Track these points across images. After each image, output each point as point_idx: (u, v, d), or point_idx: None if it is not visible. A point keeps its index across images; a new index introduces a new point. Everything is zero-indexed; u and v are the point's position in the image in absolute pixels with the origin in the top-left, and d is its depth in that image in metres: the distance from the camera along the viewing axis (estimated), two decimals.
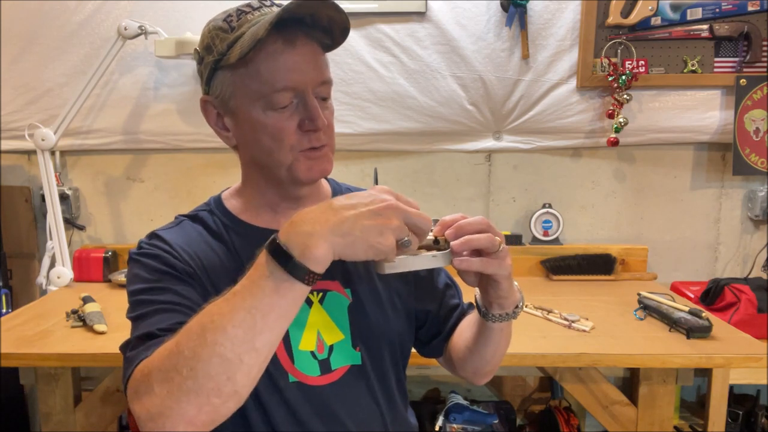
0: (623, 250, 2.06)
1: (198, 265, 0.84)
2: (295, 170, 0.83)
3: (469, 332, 0.92)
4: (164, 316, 0.76)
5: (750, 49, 1.94)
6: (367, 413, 0.91)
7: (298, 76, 0.80)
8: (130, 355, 0.73)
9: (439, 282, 1.02)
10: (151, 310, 0.77)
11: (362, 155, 2.10)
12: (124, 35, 1.83)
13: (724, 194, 2.11)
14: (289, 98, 0.80)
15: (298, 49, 0.80)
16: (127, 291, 0.83)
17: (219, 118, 0.89)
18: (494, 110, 2.01)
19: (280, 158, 0.83)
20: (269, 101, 0.80)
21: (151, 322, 0.75)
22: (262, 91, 0.80)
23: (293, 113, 0.82)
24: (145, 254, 0.84)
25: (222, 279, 0.83)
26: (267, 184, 0.89)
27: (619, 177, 2.12)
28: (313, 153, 0.83)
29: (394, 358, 0.95)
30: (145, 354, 0.70)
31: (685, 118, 2.01)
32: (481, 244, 0.71)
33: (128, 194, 2.13)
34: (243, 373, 0.63)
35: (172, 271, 0.81)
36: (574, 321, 1.52)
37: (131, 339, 0.76)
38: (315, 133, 0.82)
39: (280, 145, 0.82)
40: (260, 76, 0.79)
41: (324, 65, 0.84)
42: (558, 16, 1.95)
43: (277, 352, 0.85)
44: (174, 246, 0.84)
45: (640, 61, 1.96)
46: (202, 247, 0.87)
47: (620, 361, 1.38)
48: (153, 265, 0.82)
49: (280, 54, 0.79)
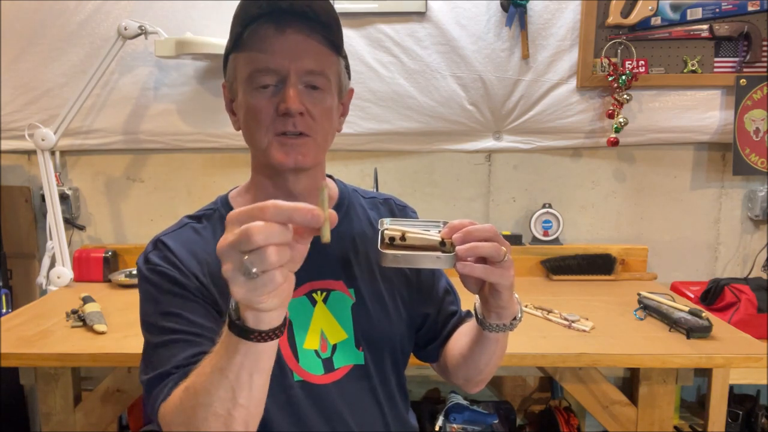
0: (623, 250, 2.06)
1: (204, 273, 0.85)
2: (269, 154, 0.85)
3: (465, 340, 0.93)
4: (176, 348, 0.79)
5: (750, 49, 1.94)
6: (369, 413, 0.91)
7: (280, 59, 0.82)
8: (153, 393, 0.78)
9: (440, 287, 1.03)
10: (163, 341, 0.80)
11: (362, 155, 2.10)
12: (124, 35, 1.83)
13: (724, 194, 2.11)
14: (271, 80, 0.83)
15: (287, 36, 0.82)
16: (140, 306, 0.86)
17: (230, 103, 0.92)
18: (494, 110, 2.01)
19: (259, 139, 0.85)
20: (252, 81, 0.83)
21: (165, 357, 0.79)
22: (247, 71, 0.83)
23: (273, 96, 0.83)
24: (154, 272, 0.84)
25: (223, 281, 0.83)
26: (261, 171, 0.91)
27: (619, 177, 2.12)
28: (287, 139, 0.84)
29: (395, 359, 0.95)
30: (164, 396, 0.76)
31: (685, 118, 2.01)
32: (486, 251, 0.71)
33: (128, 194, 2.13)
34: (239, 422, 0.67)
35: (181, 291, 0.83)
36: (574, 321, 1.52)
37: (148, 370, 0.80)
38: (290, 118, 0.83)
39: (258, 126, 0.84)
40: (249, 57, 0.83)
41: (316, 56, 0.84)
42: (558, 16, 1.95)
43: (282, 352, 0.86)
44: (179, 256, 0.85)
45: (640, 61, 1.96)
46: (208, 251, 0.87)
47: (620, 361, 1.38)
48: (163, 286, 0.83)
49: (269, 38, 0.82)
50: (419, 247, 0.72)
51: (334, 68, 0.87)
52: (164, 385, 0.77)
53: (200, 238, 0.89)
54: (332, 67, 0.87)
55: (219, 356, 0.65)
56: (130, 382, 1.50)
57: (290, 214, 0.55)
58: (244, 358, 0.63)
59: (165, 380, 0.77)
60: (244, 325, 0.60)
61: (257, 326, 0.60)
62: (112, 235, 2.15)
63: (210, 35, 1.88)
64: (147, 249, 0.88)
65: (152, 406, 0.78)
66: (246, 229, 0.53)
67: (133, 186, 2.13)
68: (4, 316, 1.63)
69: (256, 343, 0.61)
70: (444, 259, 0.71)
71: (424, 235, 0.73)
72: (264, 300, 0.56)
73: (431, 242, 0.72)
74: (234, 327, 0.61)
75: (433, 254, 0.71)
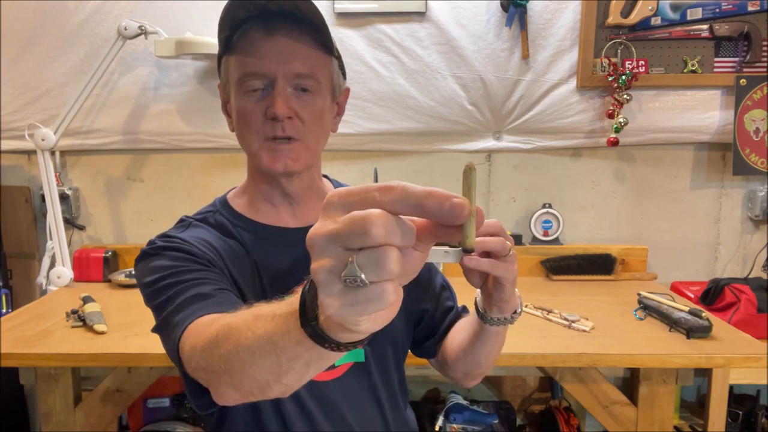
0: (623, 250, 2.06)
1: (216, 255, 0.84)
2: (259, 159, 0.85)
3: (464, 334, 0.93)
4: (200, 288, 0.74)
5: (750, 49, 1.94)
6: (369, 410, 0.91)
7: (268, 62, 0.82)
8: (179, 318, 0.70)
9: (436, 283, 1.03)
10: (181, 288, 0.75)
11: (362, 155, 2.10)
12: (124, 35, 1.83)
13: (724, 194, 2.11)
14: (259, 84, 0.83)
15: (276, 39, 0.82)
16: (144, 282, 0.81)
17: (225, 105, 0.92)
18: (494, 110, 2.01)
19: (249, 143, 0.86)
20: (242, 84, 0.83)
21: (189, 293, 0.73)
22: (237, 74, 0.83)
23: (261, 100, 0.83)
24: (163, 247, 0.83)
25: (239, 271, 0.84)
26: (257, 173, 0.91)
27: (619, 177, 2.12)
28: (276, 144, 0.84)
29: (396, 356, 0.96)
30: (191, 318, 0.68)
31: (685, 118, 2.01)
32: (492, 246, 0.71)
33: (128, 194, 2.13)
34: (275, 392, 0.58)
35: (193, 258, 0.81)
36: (574, 321, 1.52)
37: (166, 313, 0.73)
38: (279, 122, 0.83)
39: (248, 130, 0.85)
40: (239, 61, 0.83)
41: (305, 59, 0.84)
42: (558, 16, 1.95)
43: None
44: (189, 240, 0.85)
45: (640, 61, 1.96)
46: (217, 241, 0.87)
47: (620, 361, 1.38)
48: (173, 255, 0.81)
49: (257, 41, 0.82)
50: None
51: (325, 69, 0.87)
52: (193, 310, 0.69)
53: (206, 232, 0.89)
54: (323, 68, 0.87)
55: (276, 326, 0.52)
56: (130, 382, 1.50)
57: (421, 200, 0.40)
58: (306, 352, 0.50)
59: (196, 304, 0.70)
60: (321, 331, 0.46)
61: (338, 338, 0.46)
62: (112, 235, 2.15)
63: (210, 35, 1.88)
64: (152, 239, 0.86)
65: (176, 332, 0.69)
66: (364, 218, 0.38)
67: (133, 186, 2.13)
68: (4, 316, 1.63)
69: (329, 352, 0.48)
70: (452, 254, 0.71)
71: None
72: (363, 322, 0.41)
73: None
74: (307, 327, 0.47)
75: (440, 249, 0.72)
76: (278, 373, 0.54)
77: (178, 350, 0.68)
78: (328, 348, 0.47)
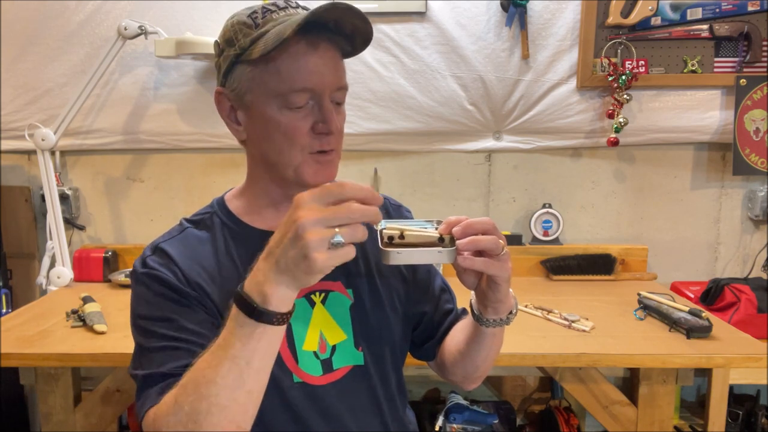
0: (623, 250, 2.06)
1: (209, 280, 0.84)
2: (301, 172, 0.84)
3: (462, 336, 0.93)
4: (168, 355, 0.78)
5: (750, 49, 1.94)
6: (368, 413, 0.91)
7: (317, 78, 0.81)
8: (142, 396, 0.78)
9: (435, 285, 1.03)
10: (156, 346, 0.80)
11: (362, 155, 2.10)
12: (124, 35, 1.83)
13: (724, 194, 2.11)
14: (305, 99, 0.82)
15: (320, 53, 0.81)
16: (132, 308, 0.85)
17: (232, 111, 0.89)
18: (494, 110, 2.01)
19: (290, 157, 0.84)
20: (286, 100, 0.81)
21: (156, 362, 0.78)
22: (280, 89, 0.81)
23: (308, 114, 0.82)
24: (150, 276, 0.83)
25: (227, 288, 0.83)
26: (272, 181, 0.89)
27: (619, 177, 2.12)
28: (321, 157, 0.84)
29: (394, 359, 0.95)
30: (153, 401, 0.75)
31: (685, 118, 2.01)
32: (485, 245, 0.71)
33: (128, 194, 2.13)
34: (242, 412, 0.69)
35: (176, 296, 0.82)
36: (574, 321, 1.52)
37: (138, 373, 0.80)
38: (327, 136, 0.83)
39: (292, 145, 0.83)
40: (280, 74, 0.80)
41: (342, 71, 0.85)
42: (558, 16, 1.95)
43: (281, 353, 0.85)
44: (181, 265, 0.84)
45: (640, 61, 1.96)
46: (207, 258, 0.86)
47: (620, 361, 1.38)
48: (157, 289, 0.82)
49: (302, 55, 0.80)
50: (418, 245, 0.72)
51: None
52: (154, 391, 0.76)
53: (203, 245, 0.88)
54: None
55: (228, 346, 0.67)
56: (130, 382, 1.49)
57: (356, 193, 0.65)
58: (259, 343, 0.67)
59: (157, 383, 0.76)
60: (265, 309, 0.65)
61: (278, 309, 0.66)
62: (112, 235, 2.15)
63: (210, 35, 1.88)
64: (145, 253, 0.87)
65: (141, 406, 0.77)
66: (349, 207, 0.63)
67: (133, 186, 2.13)
68: (4, 316, 1.63)
69: (275, 326, 0.66)
70: (445, 254, 0.72)
71: (423, 233, 0.74)
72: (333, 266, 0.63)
73: (430, 239, 0.73)
74: (255, 313, 0.65)
75: (434, 249, 0.72)
76: (241, 381, 0.67)
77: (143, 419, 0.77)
78: (276, 322, 0.66)
